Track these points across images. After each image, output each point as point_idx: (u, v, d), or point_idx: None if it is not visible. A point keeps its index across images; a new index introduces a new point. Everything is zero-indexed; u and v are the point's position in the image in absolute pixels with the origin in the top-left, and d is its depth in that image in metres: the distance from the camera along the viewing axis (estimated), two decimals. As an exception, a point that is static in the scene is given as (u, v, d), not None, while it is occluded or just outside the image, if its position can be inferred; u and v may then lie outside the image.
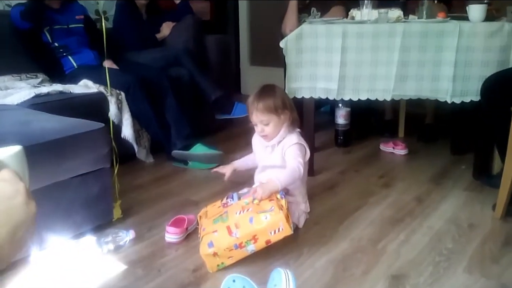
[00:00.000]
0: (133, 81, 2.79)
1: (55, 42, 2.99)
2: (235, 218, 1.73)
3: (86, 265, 1.76)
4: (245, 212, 1.74)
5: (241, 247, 1.68)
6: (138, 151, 2.82)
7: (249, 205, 1.78)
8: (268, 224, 1.67)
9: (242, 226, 1.68)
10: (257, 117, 1.97)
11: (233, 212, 1.77)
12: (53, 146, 1.78)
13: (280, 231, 1.68)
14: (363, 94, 2.45)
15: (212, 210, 1.90)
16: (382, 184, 2.52)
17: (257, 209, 1.73)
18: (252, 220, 1.69)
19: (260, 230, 1.67)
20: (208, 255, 1.67)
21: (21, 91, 2.53)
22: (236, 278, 1.46)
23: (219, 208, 1.88)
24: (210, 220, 1.81)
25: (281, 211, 1.69)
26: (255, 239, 1.68)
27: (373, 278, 1.64)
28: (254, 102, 1.96)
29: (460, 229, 1.99)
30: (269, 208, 1.72)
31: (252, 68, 5.11)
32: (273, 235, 1.68)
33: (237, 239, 1.67)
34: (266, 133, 1.99)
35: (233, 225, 1.70)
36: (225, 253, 1.67)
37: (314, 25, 2.47)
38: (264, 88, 2.01)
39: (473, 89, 2.28)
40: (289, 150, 1.96)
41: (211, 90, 3.24)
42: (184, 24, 3.56)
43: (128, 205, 2.21)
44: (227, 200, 1.91)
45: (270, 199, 1.78)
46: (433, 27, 2.30)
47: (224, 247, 1.66)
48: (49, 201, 1.80)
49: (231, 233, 1.68)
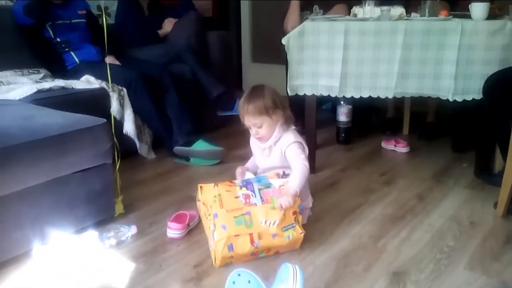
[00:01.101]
0: (135, 77, 2.79)
1: (57, 38, 2.99)
2: (260, 228, 1.71)
3: (88, 260, 1.76)
4: (271, 226, 1.73)
5: (255, 254, 1.73)
6: (140, 147, 2.82)
7: (275, 214, 1.74)
8: (288, 244, 1.76)
9: (264, 239, 1.71)
10: (249, 120, 1.94)
11: (257, 218, 1.73)
12: (55, 141, 1.78)
13: (292, 247, 1.80)
14: (365, 91, 2.45)
15: (228, 199, 1.77)
16: (384, 181, 2.53)
17: (281, 225, 1.74)
18: (275, 236, 1.72)
19: (279, 246, 1.75)
20: (225, 258, 1.67)
21: (23, 86, 2.54)
22: (241, 273, 1.47)
23: (238, 201, 1.76)
24: (230, 216, 1.71)
25: (301, 234, 1.77)
26: (269, 250, 1.75)
27: (374, 275, 1.65)
28: (244, 105, 1.93)
29: (461, 227, 1.99)
30: (291, 224, 1.76)
31: (254, 65, 5.10)
32: (284, 249, 1.79)
33: (256, 248, 1.70)
34: (261, 135, 1.97)
35: (256, 234, 1.70)
36: (240, 257, 1.70)
37: (316, 22, 2.47)
38: (253, 90, 1.98)
39: (475, 87, 2.27)
40: (289, 150, 1.95)
41: (212, 86, 3.24)
42: (186, 20, 3.55)
43: (129, 200, 2.22)
44: (248, 192, 1.80)
45: (293, 211, 1.79)
46: (435, 25, 2.29)
47: (243, 253, 1.68)
48: (51, 196, 1.81)
49: (253, 242, 1.69)
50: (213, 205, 1.75)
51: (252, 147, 2.12)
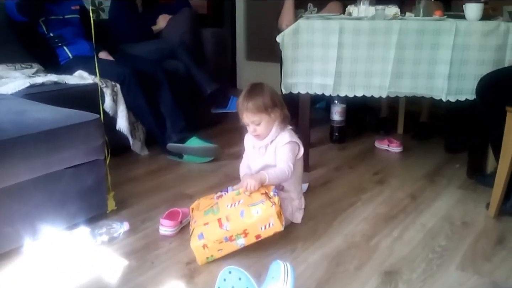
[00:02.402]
0: (128, 73, 2.78)
1: (51, 33, 2.97)
2: (226, 211, 1.74)
3: (79, 256, 1.75)
4: (237, 205, 1.74)
5: (231, 240, 1.69)
6: (133, 144, 2.81)
7: (240, 197, 1.79)
8: (258, 219, 1.68)
9: (232, 219, 1.69)
10: (248, 117, 1.95)
11: (224, 204, 1.78)
12: (47, 136, 1.77)
13: (271, 226, 1.70)
14: (359, 90, 2.45)
15: (204, 202, 1.92)
16: (377, 180, 2.53)
17: (248, 202, 1.74)
18: (243, 213, 1.70)
19: (250, 224, 1.68)
20: (198, 247, 1.67)
21: (16, 81, 2.52)
22: (232, 270, 1.47)
23: (211, 200, 1.89)
24: (201, 212, 1.82)
25: (272, 207, 1.70)
26: (246, 233, 1.69)
27: (366, 274, 1.65)
28: (244, 102, 1.94)
29: (454, 227, 2.00)
30: (260, 201, 1.72)
31: (248, 63, 5.09)
32: (263, 230, 1.70)
33: (227, 232, 1.67)
34: (259, 133, 1.98)
35: (224, 217, 1.71)
36: (215, 246, 1.67)
37: (311, 21, 2.47)
38: (252, 87, 1.99)
39: (468, 88, 2.28)
40: (281, 151, 1.96)
41: (206, 83, 3.23)
42: (180, 17, 3.54)
43: (122, 197, 2.21)
44: (222, 193, 1.91)
45: (261, 193, 1.78)
46: (429, 25, 2.30)
47: (214, 239, 1.67)
48: (42, 192, 1.80)
49: (221, 225, 1.68)
50: (195, 213, 1.88)
51: (247, 146, 2.11)
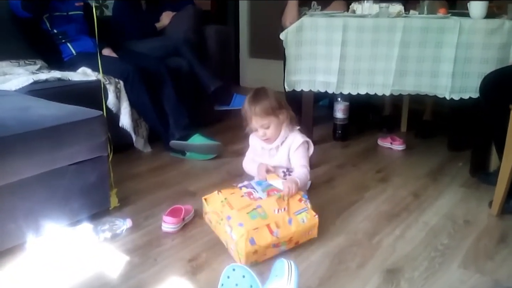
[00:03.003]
0: (132, 70, 2.78)
1: (54, 29, 2.97)
2: (275, 217, 1.73)
3: (82, 253, 1.76)
4: (283, 211, 1.76)
5: (277, 246, 1.72)
6: (136, 141, 2.81)
7: (282, 203, 1.78)
8: (304, 228, 1.76)
9: (282, 227, 1.71)
10: (257, 122, 1.97)
11: (270, 209, 1.75)
12: (50, 133, 1.77)
13: (309, 234, 1.80)
14: (362, 88, 2.45)
15: (235, 199, 1.79)
16: (379, 178, 2.53)
17: (292, 210, 1.78)
18: (291, 221, 1.74)
19: (296, 232, 1.74)
20: (249, 253, 1.65)
21: (19, 77, 2.52)
22: (236, 267, 1.47)
23: (245, 199, 1.80)
24: (243, 213, 1.71)
25: (315, 217, 1.80)
26: (290, 240, 1.75)
27: (368, 272, 1.65)
28: (251, 107, 1.96)
29: (456, 225, 1.99)
30: (302, 209, 1.80)
31: (252, 60, 5.09)
32: (303, 237, 1.79)
33: (277, 239, 1.69)
34: (268, 136, 2.00)
35: (274, 223, 1.71)
36: (262, 251, 1.68)
37: (315, 18, 2.46)
38: (256, 92, 2.02)
39: (472, 86, 2.28)
40: (296, 154, 2.00)
41: (210, 80, 3.24)
42: (184, 14, 3.54)
43: (125, 194, 2.21)
44: (249, 190, 1.85)
45: (298, 198, 1.83)
46: (433, 23, 2.29)
47: (265, 245, 1.67)
48: (45, 188, 1.80)
49: (272, 232, 1.69)
50: (223, 209, 1.77)
51: (255, 148, 2.12)
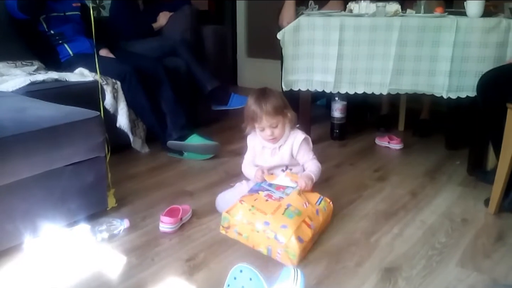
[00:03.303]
0: (129, 70, 2.77)
1: (51, 30, 2.96)
2: (306, 211, 1.78)
3: (79, 253, 1.75)
4: (308, 205, 1.83)
5: (313, 238, 1.78)
6: (134, 141, 2.81)
7: (303, 197, 1.85)
8: (327, 216, 1.91)
9: (314, 219, 1.79)
10: (267, 121, 1.93)
11: (300, 205, 1.79)
12: (47, 133, 1.77)
13: (328, 221, 1.94)
14: (360, 87, 2.46)
15: (262, 204, 1.77)
16: (377, 177, 2.53)
17: (312, 201, 1.87)
18: (318, 212, 1.84)
19: (323, 221, 1.85)
20: (302, 251, 1.66)
21: (16, 78, 2.52)
22: (243, 269, 1.43)
23: (271, 202, 1.79)
24: (278, 215, 1.71)
25: (331, 203, 1.93)
26: (321, 229, 1.85)
27: (366, 271, 1.65)
28: (262, 106, 1.92)
29: (454, 224, 2.00)
30: (319, 198, 1.91)
31: (249, 60, 5.09)
32: (325, 225, 1.91)
33: (314, 230, 1.76)
34: (276, 135, 1.98)
35: (307, 217, 1.76)
36: (307, 246, 1.73)
37: (312, 18, 2.47)
38: (262, 91, 1.98)
39: (469, 85, 2.28)
40: (302, 151, 2.01)
41: (207, 80, 3.24)
42: (181, 14, 3.53)
43: (122, 194, 2.21)
44: (267, 193, 1.84)
45: (312, 191, 1.93)
46: (430, 21, 2.30)
47: (308, 240, 1.71)
48: (43, 189, 1.80)
49: (309, 226, 1.74)
50: (255, 217, 1.73)
51: (255, 147, 2.10)
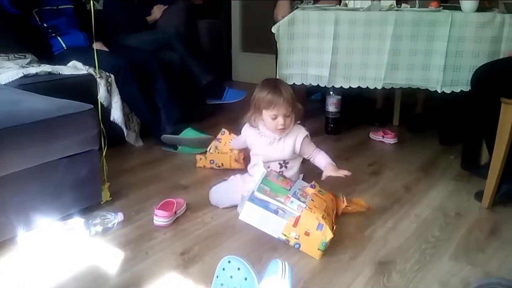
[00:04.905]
0: (123, 64, 2.76)
1: (44, 23, 2.94)
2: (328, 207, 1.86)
3: (73, 247, 1.75)
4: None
5: None
6: (128, 135, 2.80)
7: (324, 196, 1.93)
8: None
9: None
10: (285, 108, 1.93)
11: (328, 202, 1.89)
12: (41, 126, 1.76)
13: None
14: (354, 82, 2.45)
15: (317, 205, 1.82)
16: (371, 172, 2.54)
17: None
18: None
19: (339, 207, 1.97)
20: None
21: (9, 71, 2.50)
22: (231, 259, 1.45)
23: (319, 200, 1.88)
24: (320, 215, 1.73)
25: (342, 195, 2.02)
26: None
27: (360, 264, 1.66)
28: (281, 93, 1.92)
29: (447, 218, 2.01)
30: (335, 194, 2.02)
31: (244, 54, 5.08)
32: None
33: None
34: (287, 124, 1.99)
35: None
36: None
37: (307, 11, 2.46)
38: (276, 82, 2.02)
39: (463, 79, 2.29)
40: (305, 146, 2.03)
41: (201, 74, 3.23)
42: (175, 7, 3.52)
43: (117, 188, 2.21)
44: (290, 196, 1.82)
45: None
46: (425, 16, 2.30)
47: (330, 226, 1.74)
48: (37, 182, 1.79)
49: None
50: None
51: (254, 138, 2.10)
